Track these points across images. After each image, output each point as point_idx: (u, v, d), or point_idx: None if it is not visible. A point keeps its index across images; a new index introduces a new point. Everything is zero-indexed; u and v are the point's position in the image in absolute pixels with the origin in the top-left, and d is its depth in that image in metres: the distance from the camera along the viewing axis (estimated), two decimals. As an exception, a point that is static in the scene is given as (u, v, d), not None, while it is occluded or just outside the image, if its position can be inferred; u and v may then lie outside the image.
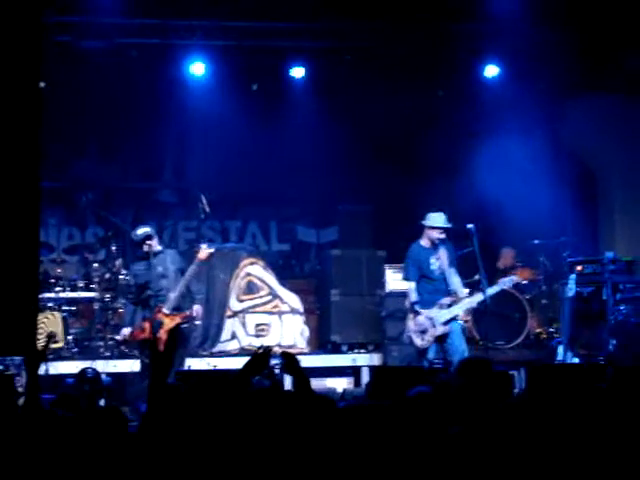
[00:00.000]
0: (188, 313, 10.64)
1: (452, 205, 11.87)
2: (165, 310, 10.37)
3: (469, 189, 13.59)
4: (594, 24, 12.63)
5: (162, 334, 10.25)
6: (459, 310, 10.88)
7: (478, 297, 10.99)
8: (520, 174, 13.31)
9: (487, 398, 4.50)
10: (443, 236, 10.88)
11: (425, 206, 11.33)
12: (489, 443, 4.43)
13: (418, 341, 10.70)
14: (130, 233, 10.82)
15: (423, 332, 10.69)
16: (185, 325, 10.61)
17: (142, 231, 10.58)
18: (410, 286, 10.92)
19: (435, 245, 10.89)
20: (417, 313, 10.76)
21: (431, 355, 10.66)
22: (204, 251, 10.64)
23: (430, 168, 13.64)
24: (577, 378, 8.01)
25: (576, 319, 11.72)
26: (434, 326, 10.66)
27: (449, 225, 10.89)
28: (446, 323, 10.70)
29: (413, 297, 10.85)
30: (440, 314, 10.70)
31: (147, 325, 10.34)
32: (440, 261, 10.87)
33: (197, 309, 10.78)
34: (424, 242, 10.96)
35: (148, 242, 10.50)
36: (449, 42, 13.20)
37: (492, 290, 10.95)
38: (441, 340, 10.71)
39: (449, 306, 10.77)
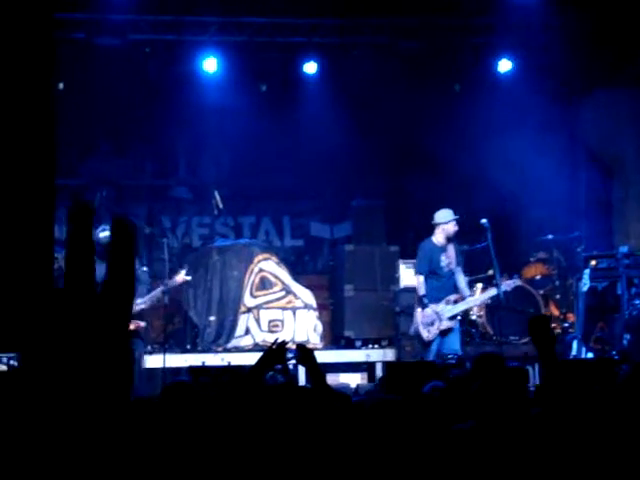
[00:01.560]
0: (142, 324, 10.80)
1: (466, 200, 11.89)
2: None
3: (483, 184, 13.57)
4: (608, 19, 12.59)
5: None
6: (465, 306, 11.39)
7: (491, 292, 11.32)
8: (534, 169, 13.27)
9: (501, 393, 4.49)
10: (457, 228, 11.14)
11: (439, 201, 11.38)
12: (502, 438, 4.42)
13: (425, 333, 11.05)
14: (143, 229, 10.71)
15: (430, 324, 11.01)
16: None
17: (104, 235, 10.11)
18: (419, 279, 11.26)
19: (447, 243, 11.18)
20: (425, 306, 11.06)
21: (434, 349, 10.96)
22: (181, 276, 11.14)
23: (444, 163, 13.60)
24: (591, 373, 8.00)
25: (590, 314, 11.73)
26: (440, 320, 11.01)
27: (457, 216, 11.18)
28: (452, 318, 11.07)
29: (422, 290, 11.20)
30: (446, 309, 11.05)
31: None
32: (449, 259, 11.20)
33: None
34: (436, 239, 11.25)
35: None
36: (463, 37, 13.19)
37: (493, 292, 11.31)
38: (443, 335, 11.04)
39: (455, 302, 11.13)
